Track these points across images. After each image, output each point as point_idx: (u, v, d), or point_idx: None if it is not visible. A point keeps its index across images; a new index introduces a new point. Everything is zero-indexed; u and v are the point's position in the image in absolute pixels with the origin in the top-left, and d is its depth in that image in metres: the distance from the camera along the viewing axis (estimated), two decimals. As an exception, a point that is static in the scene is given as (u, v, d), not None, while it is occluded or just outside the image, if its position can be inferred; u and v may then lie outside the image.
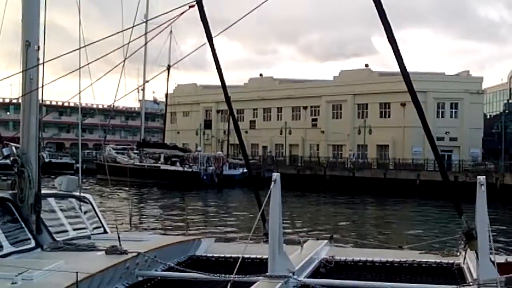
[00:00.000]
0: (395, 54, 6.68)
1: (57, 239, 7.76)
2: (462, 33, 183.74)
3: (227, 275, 6.11)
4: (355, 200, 48.57)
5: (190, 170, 61.66)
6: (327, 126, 77.86)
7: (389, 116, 71.69)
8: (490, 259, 6.11)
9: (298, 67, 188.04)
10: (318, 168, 64.89)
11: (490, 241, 5.73)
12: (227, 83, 9.03)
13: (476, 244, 5.91)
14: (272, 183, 6.29)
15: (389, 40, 6.60)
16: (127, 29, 8.29)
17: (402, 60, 6.77)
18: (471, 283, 5.69)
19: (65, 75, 7.54)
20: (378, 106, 73.00)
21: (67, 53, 7.30)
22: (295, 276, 6.36)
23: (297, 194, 54.05)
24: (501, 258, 7.82)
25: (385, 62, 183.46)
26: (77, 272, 5.42)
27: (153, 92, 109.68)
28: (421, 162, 60.90)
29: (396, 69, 6.97)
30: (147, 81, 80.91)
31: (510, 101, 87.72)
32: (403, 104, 66.46)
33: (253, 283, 6.05)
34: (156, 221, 31.36)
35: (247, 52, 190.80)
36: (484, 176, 5.71)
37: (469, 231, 6.38)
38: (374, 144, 72.21)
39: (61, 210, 8.44)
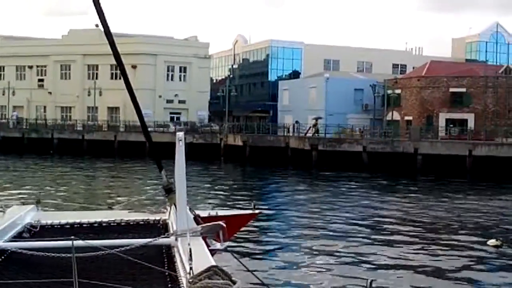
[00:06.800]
0: (98, 15, 6.55)
1: None
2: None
3: None
4: (83, 164, 47.76)
5: None
6: (55, 87, 74.78)
7: (120, 78, 71.04)
8: (192, 212, 6.55)
9: (18, 22, 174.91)
10: (45, 131, 62.23)
11: (186, 194, 6.04)
12: None
13: (175, 197, 6.24)
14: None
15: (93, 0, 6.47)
16: None
17: (105, 21, 6.66)
18: (169, 235, 5.99)
19: None
20: (109, 68, 71.79)
21: None
22: None
23: (22, 158, 51.37)
24: (205, 213, 8.45)
25: (116, 23, 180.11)
26: None
27: None
28: (150, 124, 61.97)
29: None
30: None
31: (234, 66, 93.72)
32: (134, 66, 66.72)
33: None
34: None
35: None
36: (183, 132, 6.01)
37: (168, 185, 6.74)
38: (105, 106, 71.46)
39: None
